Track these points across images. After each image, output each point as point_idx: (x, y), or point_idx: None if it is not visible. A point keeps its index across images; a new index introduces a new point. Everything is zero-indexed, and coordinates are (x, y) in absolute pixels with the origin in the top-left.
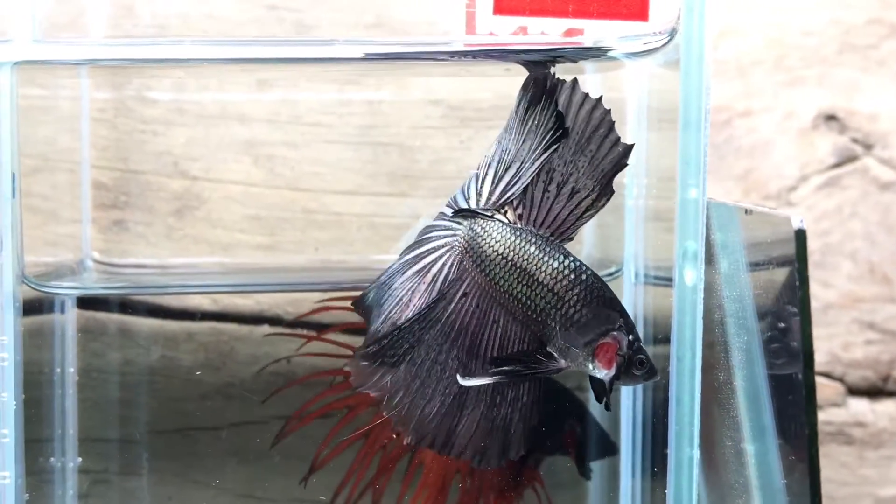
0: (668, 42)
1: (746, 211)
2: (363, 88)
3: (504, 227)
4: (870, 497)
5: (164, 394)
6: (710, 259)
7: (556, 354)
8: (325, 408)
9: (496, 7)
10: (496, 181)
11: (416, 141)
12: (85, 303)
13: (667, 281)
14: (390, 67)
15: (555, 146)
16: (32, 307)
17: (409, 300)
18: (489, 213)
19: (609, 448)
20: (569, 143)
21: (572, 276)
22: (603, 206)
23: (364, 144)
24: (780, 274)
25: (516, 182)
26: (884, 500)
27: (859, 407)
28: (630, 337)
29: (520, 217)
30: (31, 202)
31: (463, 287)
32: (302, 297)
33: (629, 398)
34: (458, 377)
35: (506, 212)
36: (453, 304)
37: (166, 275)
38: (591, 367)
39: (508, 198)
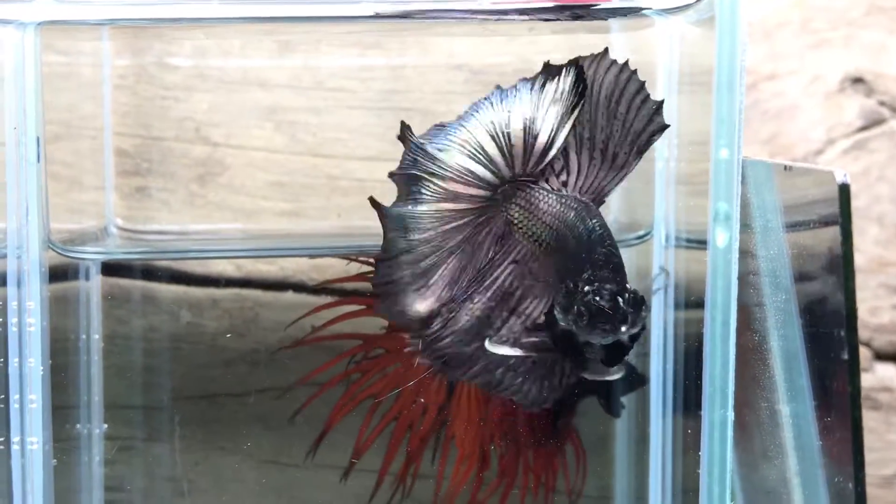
0: None
1: (786, 167)
2: (386, 53)
3: (549, 195)
4: None
5: (189, 360)
6: (745, 219)
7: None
8: (344, 375)
9: None
10: (529, 150)
11: (440, 106)
12: (109, 269)
13: (698, 244)
14: (413, 26)
15: (580, 106)
16: (57, 274)
17: (458, 270)
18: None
19: (638, 380)
20: (601, 108)
21: (594, 237)
22: (636, 165)
23: (387, 110)
24: (820, 231)
25: (550, 149)
26: None
27: (886, 372)
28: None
29: (564, 184)
30: (53, 169)
31: (513, 255)
32: (326, 264)
33: (659, 361)
34: (487, 343)
35: (548, 179)
36: (504, 271)
37: (189, 241)
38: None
39: (547, 165)
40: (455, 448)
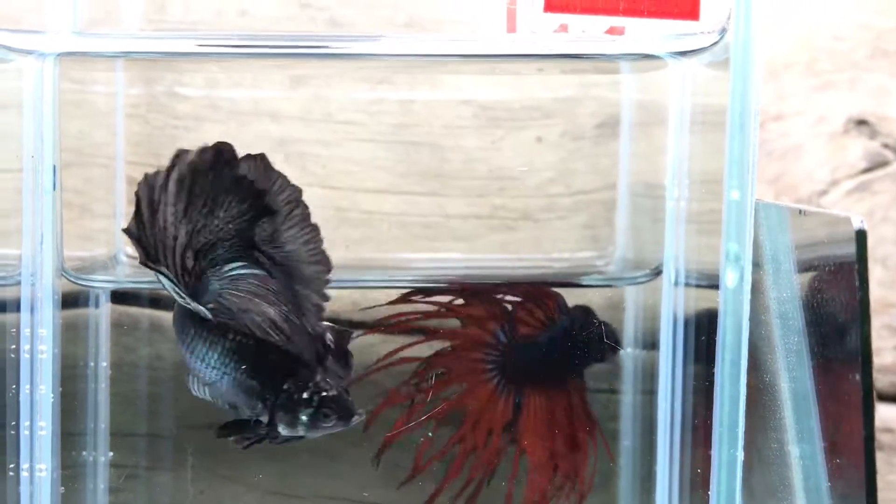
0: (717, 41)
1: (801, 211)
2: (395, 87)
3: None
4: None
5: None
6: (757, 259)
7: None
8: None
9: (547, 4)
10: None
11: (448, 140)
12: (118, 297)
13: (708, 283)
14: (422, 65)
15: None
16: (67, 301)
17: None
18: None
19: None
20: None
21: (236, 356)
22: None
23: (396, 143)
24: (834, 275)
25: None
26: None
27: (889, 413)
28: (304, 395)
29: None
30: (64, 196)
31: None
32: (333, 295)
33: (667, 399)
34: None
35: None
36: None
37: None
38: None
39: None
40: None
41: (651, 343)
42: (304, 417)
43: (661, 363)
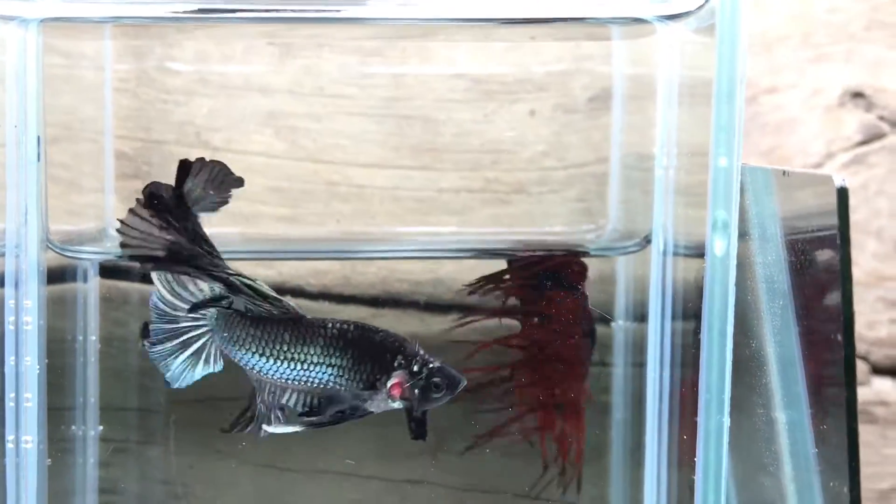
0: (703, 4)
1: (784, 172)
2: (386, 60)
3: (247, 321)
4: (892, 476)
5: None
6: (743, 225)
7: (359, 404)
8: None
9: None
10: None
11: (440, 114)
12: (107, 272)
13: (696, 252)
14: (414, 32)
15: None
16: (55, 275)
17: None
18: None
19: None
20: None
21: (341, 343)
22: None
23: (387, 117)
24: (818, 236)
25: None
26: None
27: (883, 386)
28: (413, 368)
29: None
30: (53, 172)
31: None
32: (324, 268)
33: (656, 368)
34: (263, 426)
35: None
36: None
37: None
38: (395, 404)
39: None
40: None
41: (642, 315)
42: (416, 391)
43: (650, 332)
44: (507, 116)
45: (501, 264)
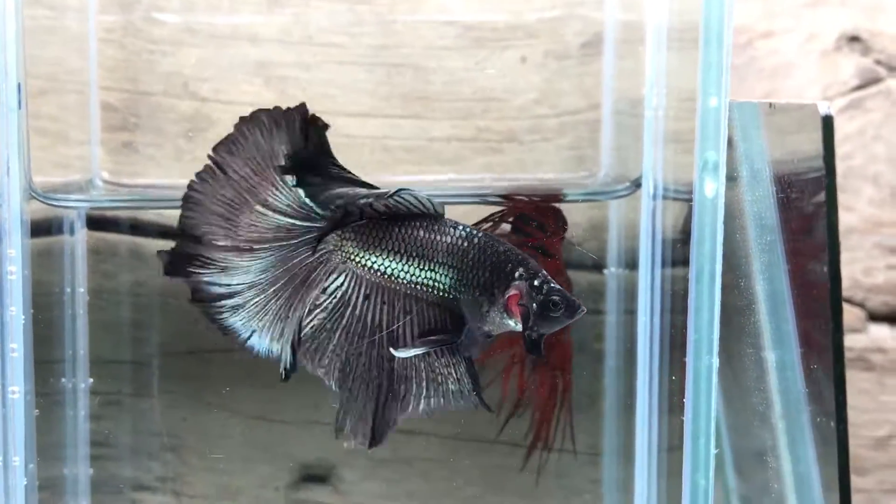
0: None
1: (770, 105)
2: (376, 8)
3: (382, 222)
4: (889, 423)
5: (177, 316)
6: (731, 161)
7: (477, 325)
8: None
9: None
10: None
11: (431, 62)
12: (95, 224)
13: (687, 195)
14: None
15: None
16: (41, 228)
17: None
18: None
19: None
20: None
21: (465, 244)
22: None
23: (377, 65)
24: (805, 168)
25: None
26: None
27: (880, 332)
28: (534, 282)
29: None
30: (39, 124)
31: (362, 291)
32: None
33: (647, 313)
34: (391, 349)
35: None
36: (358, 310)
37: (177, 198)
38: (511, 322)
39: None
40: None
41: (634, 262)
42: (534, 305)
43: (640, 276)
44: (499, 64)
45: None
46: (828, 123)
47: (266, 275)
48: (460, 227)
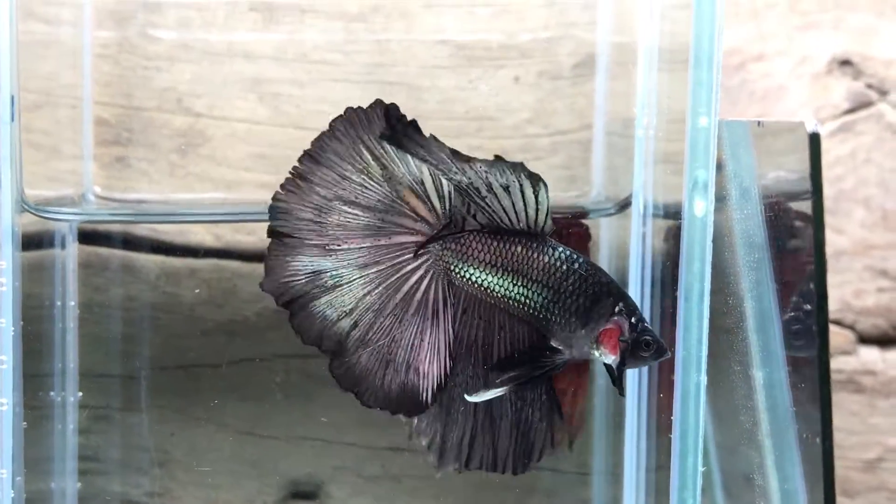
0: None
1: (759, 123)
2: (370, 26)
3: (483, 235)
4: (879, 446)
5: (167, 330)
6: (720, 180)
7: (561, 347)
8: None
9: None
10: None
11: (424, 80)
12: (87, 238)
13: (676, 214)
14: None
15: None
16: (33, 240)
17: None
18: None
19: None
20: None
21: (564, 268)
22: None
23: (371, 83)
24: (793, 186)
25: (449, 194)
26: (893, 450)
27: (870, 355)
28: (632, 319)
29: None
30: (33, 137)
31: (461, 305)
32: None
33: None
34: (465, 395)
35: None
36: (456, 325)
37: (169, 213)
38: (597, 353)
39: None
40: None
41: (623, 280)
42: (627, 343)
43: (630, 293)
44: (492, 83)
45: None
46: (815, 141)
47: (373, 295)
48: (560, 249)
